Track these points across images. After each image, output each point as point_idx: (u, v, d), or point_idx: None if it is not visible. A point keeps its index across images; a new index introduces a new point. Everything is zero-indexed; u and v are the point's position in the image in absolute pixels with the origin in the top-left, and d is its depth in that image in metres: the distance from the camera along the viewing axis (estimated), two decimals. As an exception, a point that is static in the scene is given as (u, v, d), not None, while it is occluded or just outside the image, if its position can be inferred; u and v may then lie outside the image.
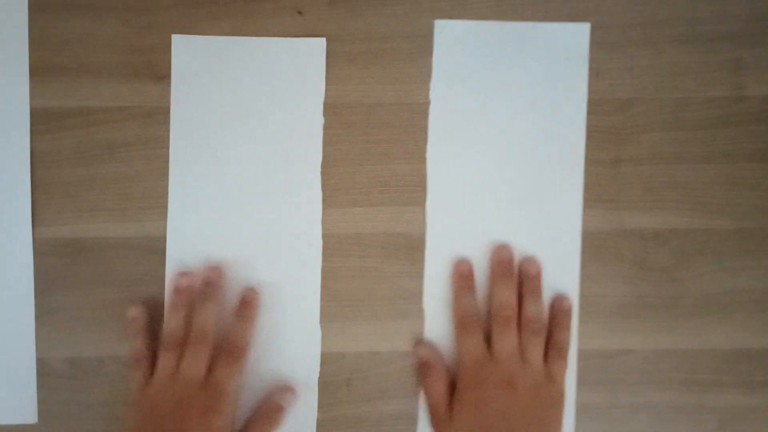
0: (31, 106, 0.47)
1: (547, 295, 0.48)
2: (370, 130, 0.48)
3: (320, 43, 0.48)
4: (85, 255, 0.48)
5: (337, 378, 0.48)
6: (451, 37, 0.48)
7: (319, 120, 0.48)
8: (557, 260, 0.48)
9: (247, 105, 0.48)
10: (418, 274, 0.48)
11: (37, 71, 0.47)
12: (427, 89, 0.48)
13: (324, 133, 0.48)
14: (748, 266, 0.48)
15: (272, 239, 0.48)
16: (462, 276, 0.47)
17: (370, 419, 0.48)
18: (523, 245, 0.48)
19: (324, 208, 0.48)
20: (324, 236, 0.48)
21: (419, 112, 0.48)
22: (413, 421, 0.48)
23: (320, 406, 0.48)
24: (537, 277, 0.47)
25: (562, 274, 0.48)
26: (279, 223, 0.48)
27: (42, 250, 0.48)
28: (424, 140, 0.48)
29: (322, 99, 0.48)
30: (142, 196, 0.48)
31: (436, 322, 0.48)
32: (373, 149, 0.48)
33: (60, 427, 0.48)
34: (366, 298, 0.48)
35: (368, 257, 0.48)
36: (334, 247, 0.48)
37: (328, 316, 0.48)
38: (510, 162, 0.48)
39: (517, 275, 0.47)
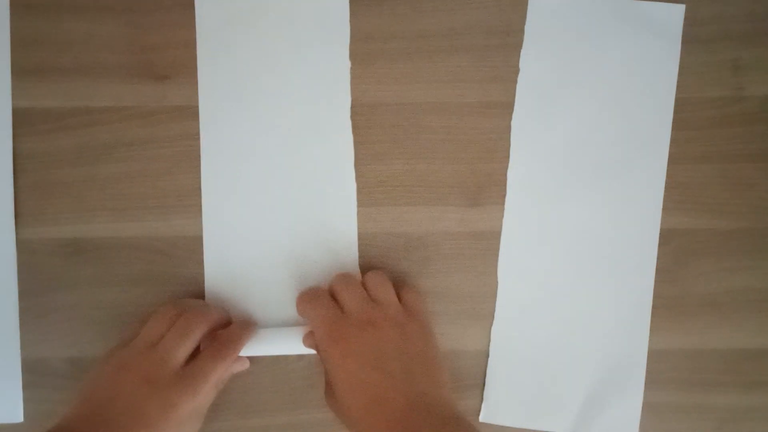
0: (31, 106, 0.47)
1: (622, 292, 0.48)
2: (370, 130, 0.48)
3: None
4: (86, 255, 0.48)
5: (337, 378, 0.48)
6: (547, 8, 0.48)
7: (345, 64, 0.48)
8: (633, 256, 0.48)
9: (272, 57, 0.48)
10: (418, 273, 0.48)
11: (38, 72, 0.47)
12: (426, 90, 0.48)
13: (324, 133, 0.48)
14: (747, 266, 0.48)
15: (307, 235, 0.48)
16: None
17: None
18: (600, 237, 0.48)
19: (324, 208, 0.48)
20: (324, 236, 0.48)
21: (421, 112, 0.48)
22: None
23: (320, 406, 0.48)
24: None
25: (636, 271, 0.48)
26: (313, 220, 0.48)
27: (42, 250, 0.48)
28: (426, 139, 0.48)
29: (347, 42, 0.48)
30: (142, 196, 0.48)
31: (507, 322, 0.48)
32: (373, 149, 0.48)
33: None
34: (366, 298, 0.48)
35: (368, 257, 0.48)
36: (334, 247, 0.48)
37: (328, 316, 0.48)
38: (589, 139, 0.48)
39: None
